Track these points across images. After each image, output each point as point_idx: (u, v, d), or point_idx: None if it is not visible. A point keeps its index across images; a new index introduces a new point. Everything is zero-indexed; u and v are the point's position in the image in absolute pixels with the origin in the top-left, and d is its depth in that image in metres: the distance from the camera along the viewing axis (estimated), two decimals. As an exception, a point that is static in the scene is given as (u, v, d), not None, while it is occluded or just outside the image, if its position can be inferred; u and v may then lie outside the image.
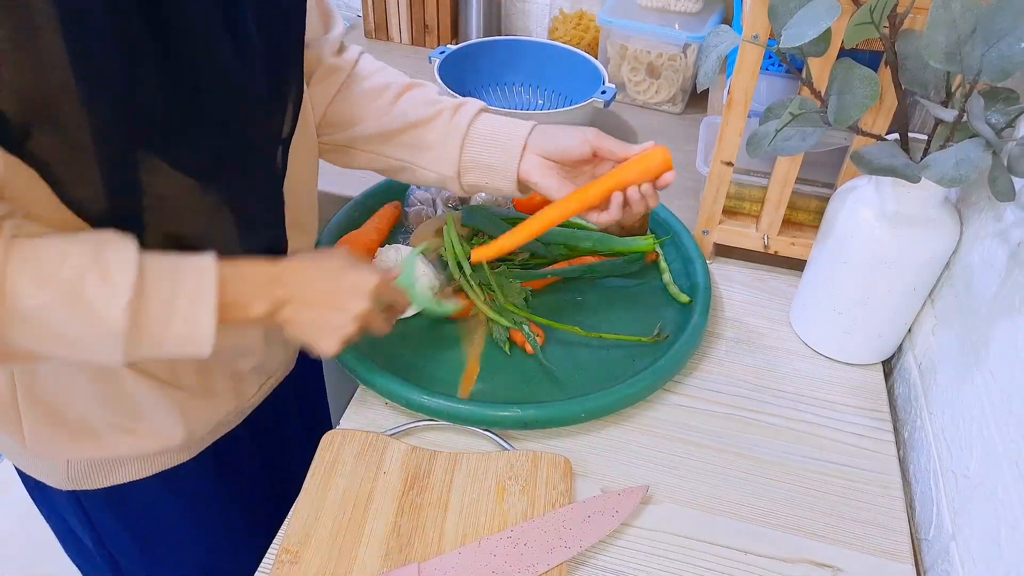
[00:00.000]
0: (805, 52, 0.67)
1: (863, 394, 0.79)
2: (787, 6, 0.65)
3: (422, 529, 0.64)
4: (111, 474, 0.70)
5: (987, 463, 0.61)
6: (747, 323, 0.87)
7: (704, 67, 0.69)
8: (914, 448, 0.75)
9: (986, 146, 0.59)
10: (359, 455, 0.69)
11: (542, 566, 0.61)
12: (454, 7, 1.38)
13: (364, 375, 0.74)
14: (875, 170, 0.65)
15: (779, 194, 0.85)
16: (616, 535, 0.66)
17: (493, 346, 0.80)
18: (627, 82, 1.25)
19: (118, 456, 0.68)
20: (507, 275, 0.83)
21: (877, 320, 0.78)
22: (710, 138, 0.96)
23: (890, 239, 0.72)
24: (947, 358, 0.72)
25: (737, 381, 0.80)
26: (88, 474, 0.69)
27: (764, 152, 0.69)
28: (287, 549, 0.62)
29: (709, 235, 0.91)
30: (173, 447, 0.70)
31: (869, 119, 0.76)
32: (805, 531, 0.67)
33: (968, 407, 0.66)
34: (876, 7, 0.61)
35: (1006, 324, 0.62)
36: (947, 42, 0.60)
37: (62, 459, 0.68)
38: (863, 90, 0.64)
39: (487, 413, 0.71)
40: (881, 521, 0.68)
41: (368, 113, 0.74)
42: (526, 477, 0.68)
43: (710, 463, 0.72)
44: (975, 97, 0.59)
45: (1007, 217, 0.66)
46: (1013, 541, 0.55)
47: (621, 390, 0.74)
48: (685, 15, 1.20)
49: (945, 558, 0.64)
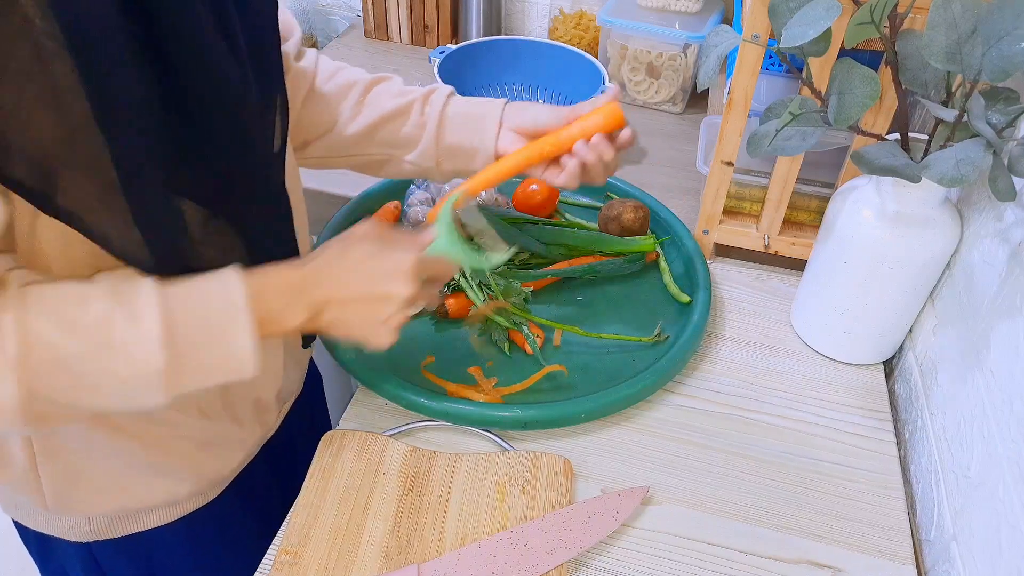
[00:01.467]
0: (805, 52, 0.67)
1: (864, 394, 0.79)
2: (787, 6, 0.65)
3: (422, 530, 0.64)
4: (136, 522, 0.67)
5: (988, 463, 0.61)
6: (747, 323, 0.86)
7: (704, 67, 0.69)
8: (915, 448, 0.75)
9: (986, 146, 0.58)
10: (359, 455, 0.69)
11: (542, 567, 0.61)
12: (454, 7, 1.38)
13: (364, 375, 0.74)
14: (875, 170, 0.65)
15: (779, 194, 0.85)
16: (616, 536, 0.65)
17: (492, 346, 0.80)
18: (627, 82, 1.25)
19: (144, 506, 0.66)
20: (507, 275, 0.83)
21: (878, 320, 0.78)
22: (710, 138, 0.96)
23: (891, 239, 0.72)
24: (948, 358, 0.72)
25: (737, 381, 0.80)
26: (111, 524, 0.67)
27: (764, 152, 0.69)
28: (287, 550, 0.62)
29: (709, 235, 0.91)
30: (199, 490, 0.68)
31: (869, 119, 0.76)
32: (805, 531, 0.67)
33: (969, 407, 0.66)
34: (876, 7, 0.61)
35: (1007, 324, 0.62)
36: (947, 42, 0.60)
37: (84, 514, 0.66)
38: (863, 90, 0.64)
39: (487, 413, 0.71)
40: (882, 521, 0.68)
41: (339, 114, 0.73)
42: (526, 478, 0.67)
43: (710, 463, 0.72)
44: (975, 97, 0.59)
45: (1007, 217, 0.66)
46: (1014, 541, 0.55)
47: (621, 390, 0.73)
48: (685, 15, 1.20)
49: (946, 558, 0.64)
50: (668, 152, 1.15)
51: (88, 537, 0.67)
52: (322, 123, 0.74)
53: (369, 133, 0.74)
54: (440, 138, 0.73)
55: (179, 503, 0.69)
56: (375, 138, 0.74)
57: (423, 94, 0.74)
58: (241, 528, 0.76)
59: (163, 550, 0.71)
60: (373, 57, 1.40)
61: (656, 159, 1.13)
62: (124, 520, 0.67)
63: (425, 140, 0.73)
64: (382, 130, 0.73)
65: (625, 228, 0.89)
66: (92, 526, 0.67)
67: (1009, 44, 0.57)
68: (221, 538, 0.75)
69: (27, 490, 0.63)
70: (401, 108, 0.73)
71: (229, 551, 0.76)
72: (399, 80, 0.76)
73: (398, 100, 0.73)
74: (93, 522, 0.67)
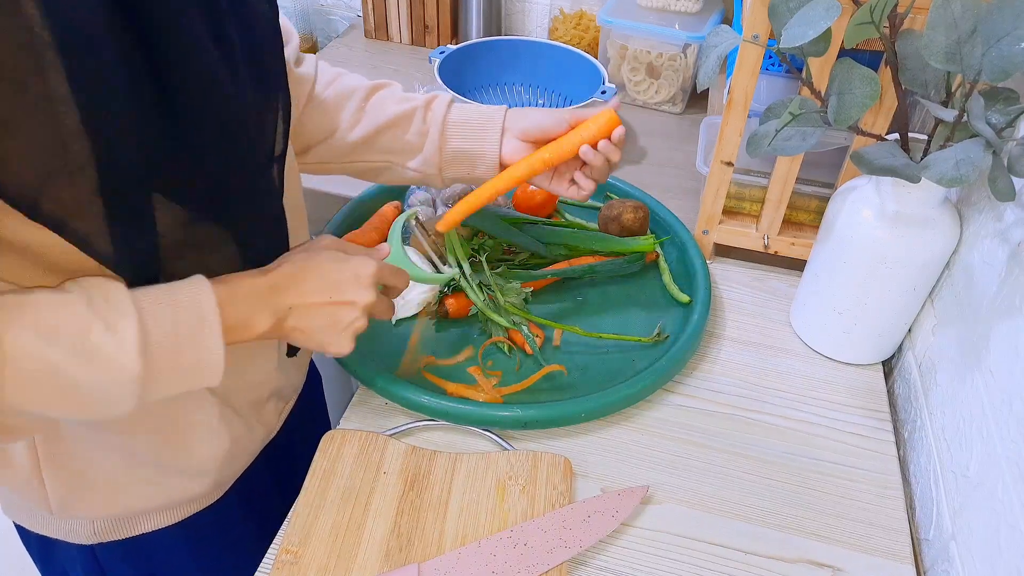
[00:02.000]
0: (805, 52, 0.67)
1: (863, 394, 0.79)
2: (787, 6, 0.65)
3: (422, 529, 0.64)
4: (139, 524, 0.68)
5: (987, 463, 0.61)
6: (747, 323, 0.86)
7: (704, 67, 0.69)
8: (914, 448, 0.75)
9: (986, 146, 0.59)
10: (359, 455, 0.69)
11: (542, 566, 0.61)
12: (454, 7, 1.38)
13: (364, 375, 0.74)
14: (875, 170, 0.65)
15: (779, 194, 0.85)
16: (616, 535, 0.66)
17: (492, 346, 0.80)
18: (627, 82, 1.25)
19: (148, 509, 0.67)
20: (507, 275, 0.83)
21: (877, 320, 0.78)
22: (710, 138, 0.96)
23: (890, 239, 0.72)
24: (947, 358, 0.72)
25: (737, 381, 0.80)
26: (115, 527, 0.67)
27: (764, 152, 0.69)
28: (287, 549, 0.62)
29: (709, 235, 0.91)
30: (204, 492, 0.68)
31: (869, 119, 0.76)
32: (805, 531, 0.67)
33: (968, 407, 0.66)
34: (876, 7, 0.61)
35: (1006, 324, 0.62)
36: (947, 42, 0.60)
37: (89, 518, 0.66)
38: (863, 90, 0.64)
39: (487, 413, 0.71)
40: (881, 521, 0.68)
41: (339, 121, 0.73)
42: (526, 477, 0.68)
43: (710, 463, 0.72)
44: (975, 97, 0.59)
45: (1007, 217, 0.66)
46: (1013, 541, 0.55)
47: (621, 390, 0.74)
48: (685, 15, 1.20)
49: (945, 558, 0.64)
50: (668, 152, 1.15)
51: (92, 539, 0.67)
52: (322, 129, 0.74)
53: (370, 140, 0.74)
54: (443, 145, 0.73)
55: (183, 505, 0.69)
56: (376, 145, 0.74)
57: (424, 101, 0.74)
58: (242, 529, 0.76)
59: (165, 551, 0.71)
60: (373, 57, 1.40)
61: (656, 159, 1.13)
62: (128, 522, 0.67)
63: (428, 147, 0.73)
64: (383, 137, 0.74)
65: (625, 228, 0.89)
66: (96, 528, 0.67)
67: (1009, 44, 0.57)
68: (222, 539, 0.75)
69: (31, 495, 0.62)
70: (403, 115, 0.73)
71: (230, 551, 0.76)
72: (399, 87, 0.77)
73: (399, 107, 0.73)
74: (97, 525, 0.67)
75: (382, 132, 0.73)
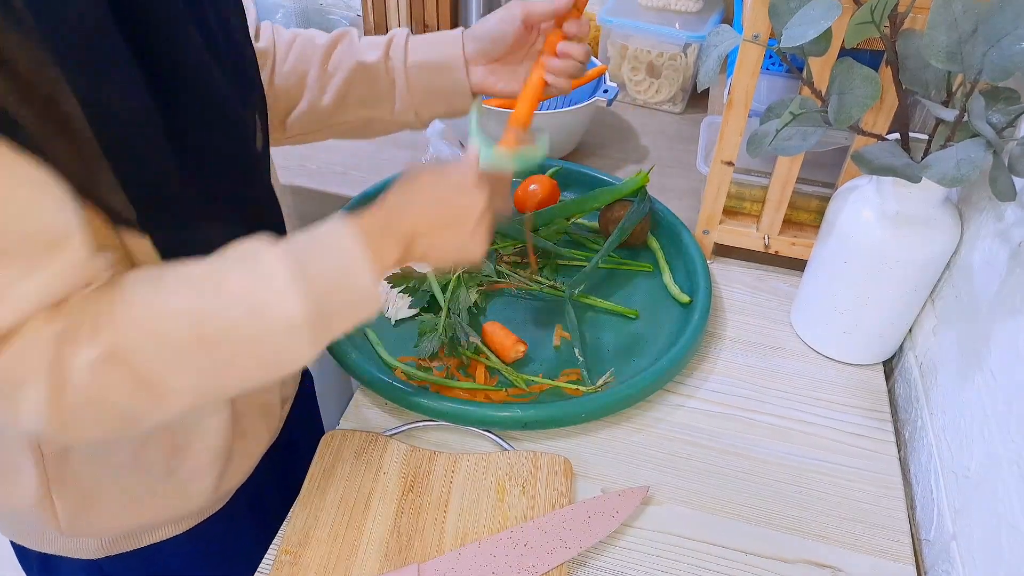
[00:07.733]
0: (806, 51, 0.67)
1: (863, 394, 0.79)
2: (787, 5, 0.65)
3: (422, 530, 0.64)
4: (147, 536, 0.68)
5: (988, 463, 0.61)
6: (747, 323, 0.86)
7: (704, 67, 0.68)
8: (915, 448, 0.75)
9: (987, 146, 0.58)
10: (359, 455, 0.69)
11: (542, 567, 0.61)
12: (454, 7, 1.38)
13: (364, 375, 0.74)
14: (876, 170, 0.65)
15: (780, 194, 0.85)
16: (616, 536, 0.65)
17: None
18: (627, 82, 1.25)
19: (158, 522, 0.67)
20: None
21: (878, 320, 0.78)
22: (710, 138, 0.96)
23: (891, 239, 0.72)
24: (948, 358, 0.72)
25: (737, 381, 0.80)
26: (123, 540, 0.67)
27: (764, 152, 0.69)
28: (287, 550, 0.62)
29: (709, 235, 0.91)
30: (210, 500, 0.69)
31: (870, 119, 0.76)
32: (805, 531, 0.67)
33: (969, 407, 0.66)
34: (877, 7, 0.61)
35: (1007, 324, 0.62)
36: (948, 42, 0.60)
37: (99, 534, 0.66)
38: (864, 90, 0.64)
39: (487, 413, 0.71)
40: (881, 521, 0.68)
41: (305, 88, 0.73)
42: (526, 477, 0.67)
43: (710, 463, 0.72)
44: (976, 97, 0.59)
45: (1008, 217, 0.66)
46: (1014, 541, 0.55)
47: (621, 390, 0.73)
48: (685, 14, 1.20)
49: (946, 558, 0.64)
50: (668, 152, 1.15)
51: (99, 554, 0.67)
52: (291, 96, 0.73)
53: (341, 100, 0.73)
54: (412, 89, 0.72)
55: (191, 515, 0.69)
56: (349, 103, 0.73)
57: (383, 49, 0.72)
58: (246, 533, 0.76)
59: (170, 560, 0.72)
60: (373, 57, 1.40)
61: (656, 159, 1.13)
62: (136, 535, 0.68)
63: (399, 95, 0.72)
64: (353, 95, 0.73)
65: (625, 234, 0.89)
66: (103, 543, 0.67)
67: (1010, 44, 0.57)
68: (226, 545, 0.75)
69: (40, 516, 0.62)
70: (365, 68, 0.72)
71: (234, 557, 0.76)
72: (354, 33, 0.75)
73: (360, 58, 0.72)
74: (105, 539, 0.67)
75: (351, 89, 0.72)
